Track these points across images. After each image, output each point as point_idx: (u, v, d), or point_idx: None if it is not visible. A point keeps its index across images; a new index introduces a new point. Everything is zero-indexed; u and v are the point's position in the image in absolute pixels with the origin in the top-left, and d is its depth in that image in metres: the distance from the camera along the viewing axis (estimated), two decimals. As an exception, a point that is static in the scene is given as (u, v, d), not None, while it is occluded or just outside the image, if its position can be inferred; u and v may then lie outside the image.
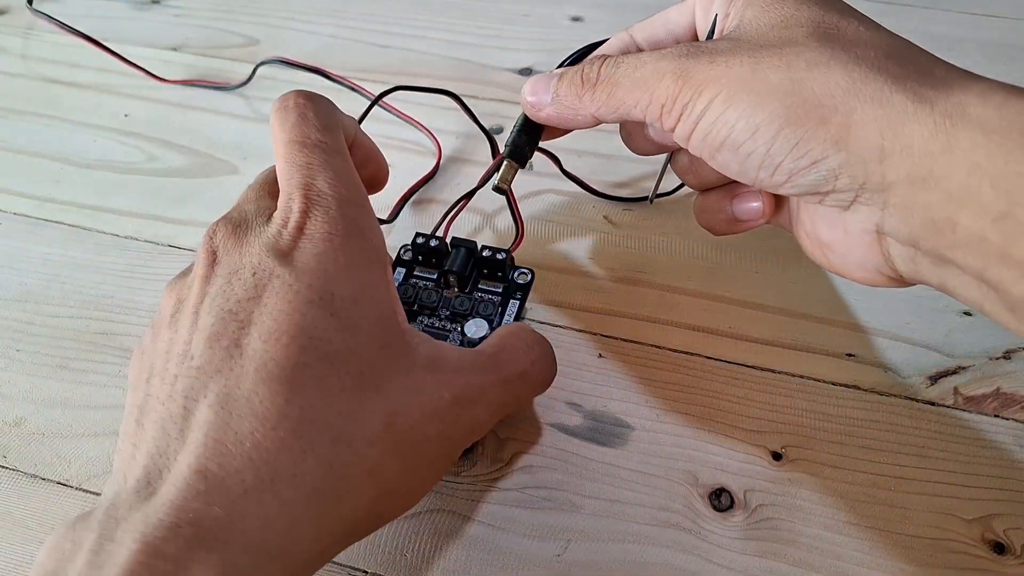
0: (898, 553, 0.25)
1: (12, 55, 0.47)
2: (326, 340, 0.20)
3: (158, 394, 0.20)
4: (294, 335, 0.20)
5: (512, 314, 0.29)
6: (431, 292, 0.29)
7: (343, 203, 0.22)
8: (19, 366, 0.31)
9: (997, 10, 0.46)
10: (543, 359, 0.26)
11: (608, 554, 0.25)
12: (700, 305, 0.32)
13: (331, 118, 0.24)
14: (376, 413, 0.21)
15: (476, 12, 0.48)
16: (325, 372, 0.20)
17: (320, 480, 0.19)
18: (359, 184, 0.24)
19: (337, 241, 0.22)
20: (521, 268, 0.30)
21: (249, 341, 0.20)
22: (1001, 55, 0.43)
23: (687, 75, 0.22)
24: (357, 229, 0.22)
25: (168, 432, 0.19)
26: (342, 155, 0.24)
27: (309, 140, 0.23)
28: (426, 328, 0.29)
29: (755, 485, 0.27)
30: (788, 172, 0.22)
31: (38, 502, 0.27)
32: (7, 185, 0.39)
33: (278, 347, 0.20)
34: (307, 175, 0.22)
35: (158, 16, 0.50)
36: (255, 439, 0.19)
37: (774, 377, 0.30)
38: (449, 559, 0.25)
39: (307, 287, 0.21)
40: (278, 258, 0.21)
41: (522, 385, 0.25)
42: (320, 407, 0.20)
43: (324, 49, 0.44)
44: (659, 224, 0.35)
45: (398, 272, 0.30)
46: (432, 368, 0.22)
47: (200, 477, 0.18)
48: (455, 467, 0.27)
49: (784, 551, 0.25)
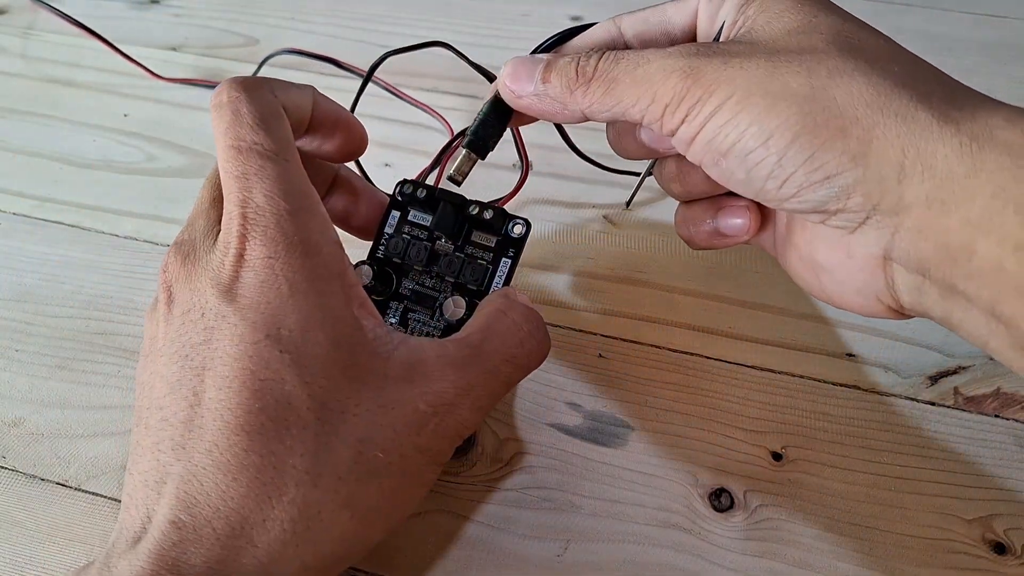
0: (898, 553, 0.25)
1: (12, 55, 0.47)
2: (278, 380, 0.20)
3: (142, 443, 0.21)
4: (244, 380, 0.20)
5: (503, 275, 0.27)
6: (420, 247, 0.27)
7: (282, 218, 0.21)
8: (18, 366, 0.31)
9: (997, 10, 0.46)
10: (532, 336, 0.24)
11: (608, 554, 0.25)
12: (700, 305, 0.32)
13: (268, 108, 0.22)
14: (344, 444, 0.20)
15: (476, 12, 0.48)
16: (282, 414, 0.20)
17: (292, 523, 0.19)
18: (303, 188, 0.22)
19: (279, 265, 0.20)
20: (516, 218, 0.27)
21: (205, 389, 0.20)
22: (1001, 55, 0.43)
23: (698, 74, 0.21)
24: (300, 246, 0.21)
25: (149, 484, 0.20)
26: (283, 154, 0.22)
27: (243, 144, 0.21)
28: (416, 288, 0.27)
29: (755, 485, 0.27)
30: (798, 185, 0.20)
31: (37, 502, 0.27)
32: (6, 185, 0.39)
33: (231, 395, 0.19)
34: (243, 188, 0.21)
35: (157, 16, 0.50)
36: (219, 490, 0.19)
37: (774, 377, 0.30)
38: (449, 559, 0.25)
39: (252, 327, 0.20)
40: (222, 295, 0.20)
41: (511, 370, 0.23)
42: (281, 451, 0.19)
43: (323, 49, 0.44)
44: (659, 224, 0.35)
45: (392, 217, 0.28)
46: (407, 376, 0.21)
47: (174, 528, 0.19)
48: (454, 468, 0.27)
49: (784, 551, 0.25)
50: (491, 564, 0.25)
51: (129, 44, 0.46)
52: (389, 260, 0.27)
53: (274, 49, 0.44)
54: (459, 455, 0.28)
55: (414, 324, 0.27)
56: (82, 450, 0.29)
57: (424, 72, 0.43)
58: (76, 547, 0.26)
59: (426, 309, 0.27)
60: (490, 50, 0.46)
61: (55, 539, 0.26)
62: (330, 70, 0.44)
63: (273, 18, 0.49)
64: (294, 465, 0.19)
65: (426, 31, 0.47)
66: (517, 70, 0.24)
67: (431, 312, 0.27)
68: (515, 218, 0.27)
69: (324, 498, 0.20)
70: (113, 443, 0.29)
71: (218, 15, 0.49)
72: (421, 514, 0.26)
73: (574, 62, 0.23)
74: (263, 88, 0.22)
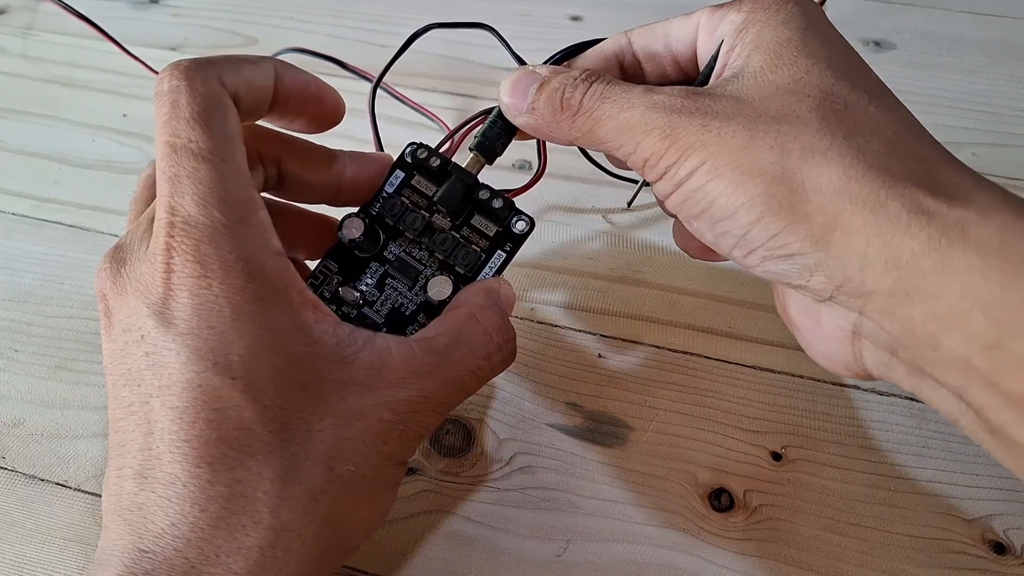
0: (898, 553, 0.25)
1: (11, 55, 0.47)
2: (234, 407, 0.19)
3: (109, 462, 0.20)
4: (198, 411, 0.19)
5: (494, 267, 0.26)
6: (417, 216, 0.26)
7: (217, 232, 0.19)
8: (18, 367, 0.31)
9: (997, 9, 0.46)
10: (500, 351, 0.23)
11: (608, 554, 0.25)
12: (700, 305, 0.32)
13: (211, 98, 0.20)
14: (313, 463, 0.19)
15: (476, 12, 0.48)
16: (244, 441, 0.19)
17: (270, 547, 0.19)
18: (242, 194, 0.20)
19: (217, 287, 0.19)
20: (522, 214, 0.26)
21: (157, 419, 0.19)
22: (1001, 55, 0.43)
23: (675, 136, 0.20)
24: (239, 263, 0.19)
25: (119, 514, 0.19)
26: (221, 154, 0.20)
27: (178, 140, 0.20)
28: (402, 255, 0.26)
29: (755, 485, 0.27)
30: (761, 257, 0.20)
31: (37, 503, 0.27)
32: (6, 185, 0.39)
33: (184, 426, 0.19)
34: (173, 192, 0.19)
35: (157, 16, 0.50)
36: (188, 522, 0.18)
37: (774, 377, 0.30)
38: (449, 559, 0.25)
39: (196, 355, 0.19)
40: (158, 318, 0.19)
41: (473, 380, 0.23)
42: (248, 479, 0.19)
43: (323, 48, 0.44)
44: (660, 224, 0.35)
45: (395, 177, 0.26)
46: (370, 383, 0.20)
47: (147, 557, 0.18)
48: (454, 468, 0.27)
49: (784, 551, 0.25)
50: (491, 564, 0.25)
51: (129, 44, 0.46)
52: (381, 219, 0.26)
53: (274, 49, 0.44)
54: (459, 455, 0.28)
55: (390, 291, 0.26)
56: (82, 450, 0.29)
57: (421, 72, 0.43)
58: (76, 547, 0.26)
59: (407, 279, 0.26)
60: (490, 50, 0.45)
61: (55, 539, 0.26)
62: (332, 70, 0.44)
63: (273, 18, 0.49)
64: (264, 491, 0.19)
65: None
66: (514, 86, 0.24)
67: (411, 283, 0.26)
68: (521, 213, 0.26)
69: (300, 520, 0.19)
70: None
71: (218, 15, 0.49)
72: (421, 514, 0.26)
73: (560, 90, 0.23)
74: (208, 74, 0.20)
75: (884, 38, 0.44)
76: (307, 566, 0.20)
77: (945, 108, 0.40)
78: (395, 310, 0.26)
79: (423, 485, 0.27)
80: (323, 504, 0.19)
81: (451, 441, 0.28)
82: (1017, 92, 0.40)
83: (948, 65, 0.42)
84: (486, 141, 0.26)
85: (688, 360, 0.30)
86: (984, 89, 0.41)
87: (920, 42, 0.44)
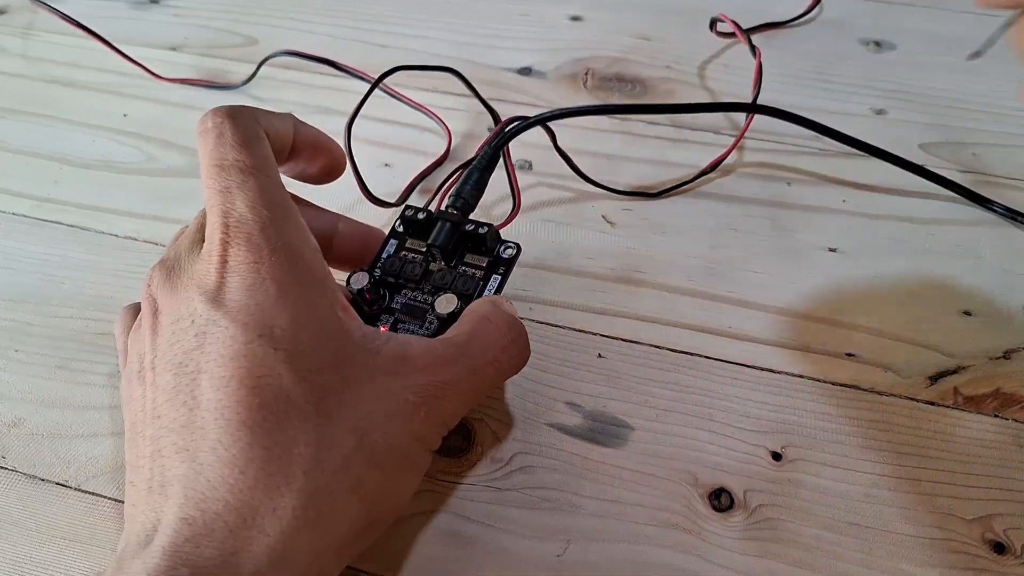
0: (898, 553, 0.25)
1: (11, 55, 0.47)
2: (275, 375, 0.20)
3: (141, 453, 0.22)
4: (242, 379, 0.20)
5: (492, 290, 0.28)
6: (415, 265, 0.29)
7: (265, 225, 0.22)
8: (18, 367, 0.31)
9: (997, 9, 0.46)
10: (515, 344, 0.25)
11: (608, 554, 0.25)
12: (700, 305, 0.32)
13: (250, 131, 0.23)
14: (345, 432, 0.21)
15: (476, 12, 0.48)
16: (282, 407, 0.20)
17: (302, 509, 0.20)
18: (283, 200, 0.23)
19: (264, 269, 0.21)
20: (508, 242, 0.29)
21: (203, 392, 0.20)
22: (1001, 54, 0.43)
23: None
24: (284, 250, 0.22)
25: (153, 490, 0.21)
26: (264, 170, 0.23)
27: (226, 161, 0.22)
28: (408, 302, 0.28)
29: (755, 485, 0.27)
30: None
31: (37, 502, 0.27)
32: (6, 185, 0.39)
33: (229, 393, 0.20)
34: (225, 200, 0.22)
35: (157, 16, 0.50)
36: (227, 484, 0.20)
37: (774, 377, 0.30)
38: (449, 559, 0.25)
39: (243, 327, 0.21)
40: (210, 301, 0.21)
41: (493, 372, 0.24)
42: (285, 441, 0.20)
43: (323, 49, 0.44)
44: (659, 224, 0.35)
45: (391, 244, 0.30)
46: (395, 370, 0.22)
47: (185, 524, 0.19)
48: (454, 468, 0.27)
49: (784, 551, 0.25)
50: (491, 564, 0.25)
51: (129, 44, 0.46)
52: (384, 280, 0.29)
53: (274, 49, 0.44)
54: (459, 455, 0.28)
55: (403, 332, 0.28)
56: (82, 450, 0.28)
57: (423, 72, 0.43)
58: (76, 547, 0.26)
59: (415, 320, 0.28)
60: (490, 50, 0.46)
61: (55, 539, 0.26)
62: (329, 71, 0.44)
63: (273, 18, 0.49)
64: (299, 454, 0.20)
65: (426, 31, 0.47)
66: None
67: (420, 322, 0.28)
68: (507, 242, 0.29)
69: (332, 482, 0.20)
70: (113, 443, 0.29)
71: (218, 15, 0.49)
72: (421, 514, 0.26)
73: None
74: (246, 114, 0.24)
75: (884, 38, 0.44)
76: (336, 530, 0.21)
77: (945, 108, 0.40)
78: None
79: (423, 485, 0.27)
80: (353, 470, 0.21)
81: (451, 441, 0.28)
82: (1017, 92, 0.40)
83: (948, 65, 0.42)
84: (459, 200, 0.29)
85: (688, 360, 0.30)
86: (984, 89, 0.41)
87: (920, 42, 0.44)
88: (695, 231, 0.35)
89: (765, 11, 0.45)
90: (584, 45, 0.45)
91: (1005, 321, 0.31)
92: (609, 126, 0.40)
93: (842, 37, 0.44)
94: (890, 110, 0.40)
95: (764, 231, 0.35)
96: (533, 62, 0.45)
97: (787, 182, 0.37)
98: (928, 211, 0.35)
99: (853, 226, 0.35)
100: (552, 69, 0.44)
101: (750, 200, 0.36)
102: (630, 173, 0.37)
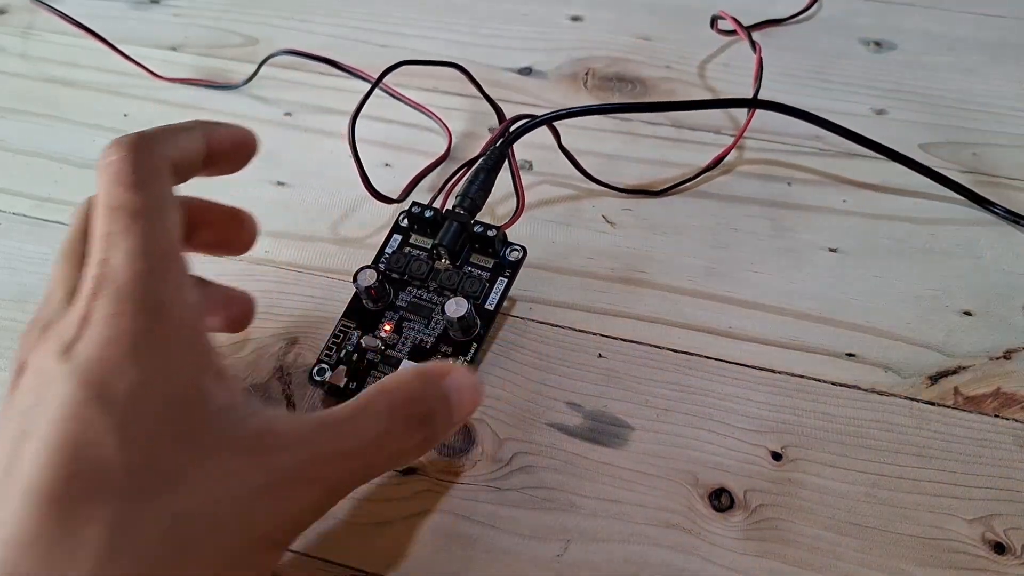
0: (898, 553, 0.25)
1: (11, 55, 0.47)
2: (97, 444, 0.18)
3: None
4: (63, 444, 0.18)
5: (499, 292, 0.28)
6: (422, 263, 0.29)
7: (137, 277, 0.20)
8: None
9: (997, 9, 0.46)
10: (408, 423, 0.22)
11: (608, 554, 0.25)
12: (700, 305, 0.32)
13: (148, 167, 0.22)
14: (157, 516, 0.18)
15: (476, 12, 0.48)
16: (94, 479, 0.18)
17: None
18: (166, 250, 0.21)
19: (124, 322, 0.19)
20: (514, 244, 0.29)
21: (24, 454, 0.18)
22: (1002, 55, 0.43)
23: None
24: (152, 305, 0.20)
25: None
26: (154, 214, 0.21)
27: (115, 203, 0.21)
28: (413, 300, 0.28)
29: (755, 485, 0.27)
30: None
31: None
32: (6, 185, 0.39)
33: (46, 459, 0.18)
34: (105, 248, 0.20)
35: (157, 16, 0.50)
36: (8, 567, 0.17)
37: (774, 377, 0.30)
38: (449, 559, 0.25)
39: (81, 385, 0.18)
40: (61, 355, 0.19)
41: (376, 456, 0.21)
42: (80, 520, 0.18)
43: (324, 49, 0.44)
44: (659, 224, 0.35)
45: (394, 239, 0.30)
46: (253, 448, 0.20)
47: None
48: (454, 468, 0.27)
49: (784, 551, 0.25)
50: (491, 564, 0.25)
51: (129, 44, 0.46)
52: (388, 275, 0.29)
53: (274, 49, 0.44)
54: (459, 455, 0.28)
55: (408, 331, 0.29)
56: (82, 450, 0.28)
57: (424, 71, 0.43)
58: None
59: (421, 318, 0.28)
60: (490, 50, 0.46)
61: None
62: (330, 71, 0.44)
63: (273, 18, 0.49)
64: (90, 537, 0.18)
65: (427, 31, 0.47)
66: None
67: (426, 321, 0.28)
68: (513, 244, 0.29)
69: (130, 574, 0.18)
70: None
71: (218, 15, 0.49)
72: (421, 514, 0.26)
73: None
74: (148, 146, 0.22)
75: (884, 38, 0.44)
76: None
77: (945, 108, 0.40)
78: (416, 346, 0.28)
79: (423, 485, 0.27)
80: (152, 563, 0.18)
81: (451, 441, 0.28)
82: (1017, 92, 0.40)
83: (948, 65, 0.42)
84: (466, 199, 0.29)
85: (688, 360, 0.30)
86: (984, 89, 0.41)
87: (920, 42, 0.44)
88: (695, 231, 0.35)
89: (764, 11, 0.45)
90: (584, 45, 0.45)
91: (1005, 321, 0.31)
92: (610, 126, 0.40)
93: (842, 37, 0.44)
94: (890, 110, 0.40)
95: (764, 231, 0.35)
96: (533, 62, 0.45)
97: (787, 182, 0.37)
98: (928, 211, 0.35)
99: (853, 226, 0.35)
100: (552, 69, 0.44)
101: (750, 200, 0.36)
102: (631, 173, 0.37)
